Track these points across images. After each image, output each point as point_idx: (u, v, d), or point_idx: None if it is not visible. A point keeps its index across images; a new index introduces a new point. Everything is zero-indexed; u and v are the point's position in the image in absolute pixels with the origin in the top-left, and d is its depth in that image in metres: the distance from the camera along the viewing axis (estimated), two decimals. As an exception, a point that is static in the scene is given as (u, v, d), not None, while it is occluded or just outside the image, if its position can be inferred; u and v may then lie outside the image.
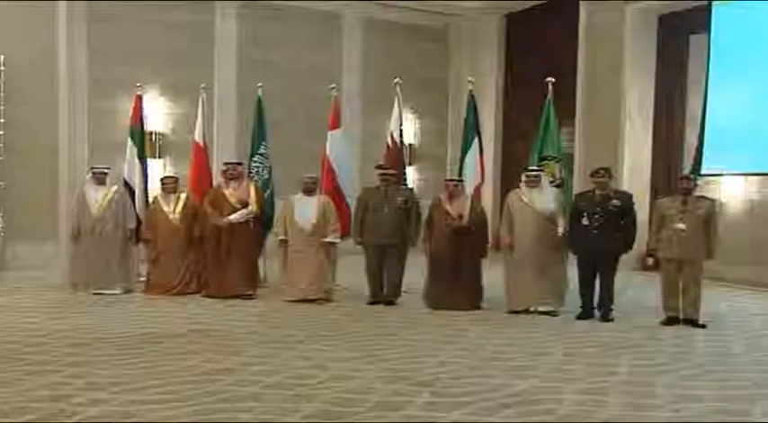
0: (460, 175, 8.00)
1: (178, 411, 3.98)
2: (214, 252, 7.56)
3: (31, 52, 9.38)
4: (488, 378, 4.77)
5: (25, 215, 9.32)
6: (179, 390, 4.36)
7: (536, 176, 7.05)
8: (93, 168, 7.97)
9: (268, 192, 8.43)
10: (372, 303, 7.36)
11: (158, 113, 10.42)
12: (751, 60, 9.25)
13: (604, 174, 6.77)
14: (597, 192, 6.74)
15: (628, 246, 6.75)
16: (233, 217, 7.51)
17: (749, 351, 5.69)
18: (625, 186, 9.19)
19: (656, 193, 9.90)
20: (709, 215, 6.50)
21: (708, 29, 9.65)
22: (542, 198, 6.99)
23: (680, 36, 10.47)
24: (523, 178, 7.13)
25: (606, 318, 6.71)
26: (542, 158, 7.72)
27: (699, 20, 9.85)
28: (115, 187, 7.91)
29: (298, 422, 3.89)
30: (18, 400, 4.12)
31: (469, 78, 8.60)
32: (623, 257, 6.84)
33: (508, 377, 4.80)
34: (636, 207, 6.86)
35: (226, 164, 7.88)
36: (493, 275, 7.37)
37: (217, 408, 4.06)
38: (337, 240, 7.59)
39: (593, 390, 4.56)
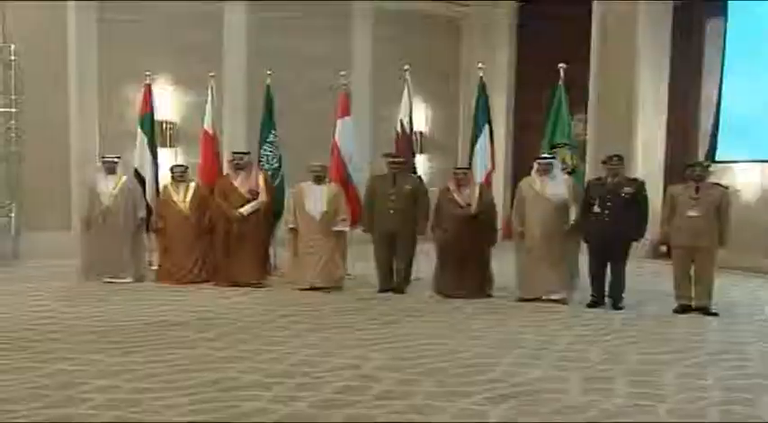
0: (470, 162, 7.96)
1: (186, 399, 3.99)
2: (224, 241, 7.56)
3: (41, 42, 9.39)
4: (496, 366, 4.74)
5: (37, 204, 9.39)
6: (187, 377, 4.37)
7: (548, 164, 6.98)
8: (103, 158, 8.00)
9: (278, 180, 8.43)
10: (382, 291, 7.35)
11: (169, 102, 10.41)
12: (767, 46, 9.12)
13: (617, 161, 6.71)
14: (609, 179, 6.68)
15: (639, 233, 6.69)
16: (244, 209, 7.49)
17: (760, 340, 5.63)
18: (638, 173, 9.10)
19: (669, 180, 9.80)
20: (722, 202, 6.42)
21: (724, 14, 9.51)
22: (554, 186, 6.93)
23: (696, 21, 10.32)
24: (535, 166, 7.06)
25: (617, 306, 6.67)
26: (554, 146, 7.66)
27: (716, 5, 9.71)
28: (126, 176, 7.94)
29: (304, 410, 3.89)
30: (28, 386, 4.15)
31: (480, 65, 8.52)
32: (635, 245, 6.78)
33: (517, 365, 4.78)
34: (648, 194, 6.79)
35: (233, 154, 7.86)
36: (502, 264, 7.33)
37: (224, 395, 4.07)
38: (347, 229, 7.57)
39: (602, 378, 4.53)
